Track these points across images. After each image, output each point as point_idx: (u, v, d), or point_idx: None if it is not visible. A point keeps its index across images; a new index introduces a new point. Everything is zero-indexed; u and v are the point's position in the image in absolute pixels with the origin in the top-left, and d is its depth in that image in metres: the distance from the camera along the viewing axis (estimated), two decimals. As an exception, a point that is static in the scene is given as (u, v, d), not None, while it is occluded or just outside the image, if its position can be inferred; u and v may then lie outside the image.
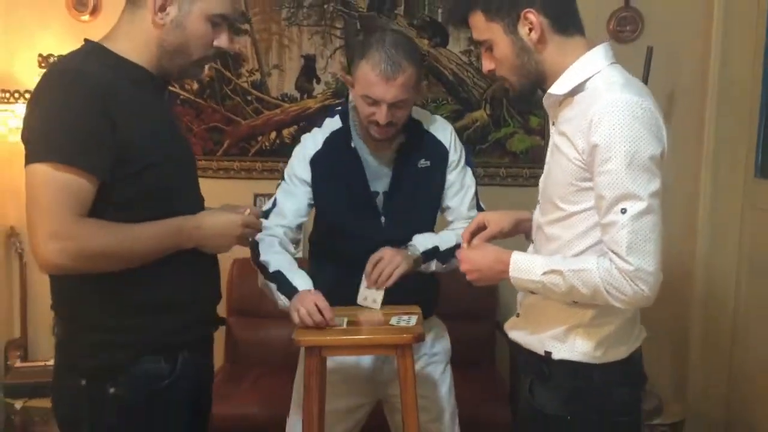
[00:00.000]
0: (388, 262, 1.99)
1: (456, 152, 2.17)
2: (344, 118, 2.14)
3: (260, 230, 1.77)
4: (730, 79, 2.99)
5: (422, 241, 2.09)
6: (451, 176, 2.17)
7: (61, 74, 1.55)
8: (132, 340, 1.60)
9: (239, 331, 3.33)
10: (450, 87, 3.29)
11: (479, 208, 2.20)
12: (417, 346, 2.01)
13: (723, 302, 3.08)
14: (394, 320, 1.90)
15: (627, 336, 1.66)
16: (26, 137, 1.53)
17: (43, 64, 3.11)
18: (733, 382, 3.08)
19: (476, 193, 2.21)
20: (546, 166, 1.68)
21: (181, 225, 1.61)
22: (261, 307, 3.06)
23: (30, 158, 1.49)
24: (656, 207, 1.48)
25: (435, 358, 2.20)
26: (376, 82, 1.94)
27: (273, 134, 3.37)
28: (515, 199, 2.99)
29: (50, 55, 3.11)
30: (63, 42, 3.21)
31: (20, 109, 3.09)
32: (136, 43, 1.60)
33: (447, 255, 2.09)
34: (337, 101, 3.30)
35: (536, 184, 2.04)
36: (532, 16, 1.56)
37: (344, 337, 1.83)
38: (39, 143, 1.49)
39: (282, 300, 1.97)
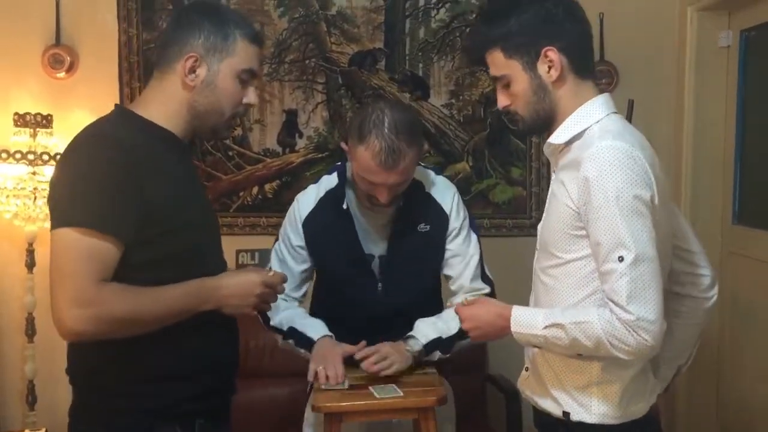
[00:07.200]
0: (382, 358, 1.91)
1: (458, 218, 2.10)
2: (341, 176, 2.08)
3: (281, 292, 1.73)
4: (704, 130, 3.08)
5: (424, 331, 2.00)
6: (454, 245, 2.10)
7: (87, 139, 1.55)
8: (148, 407, 1.56)
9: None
10: (432, 139, 3.32)
11: (484, 277, 2.12)
12: None
13: (706, 343, 3.12)
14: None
15: (643, 388, 1.65)
16: (52, 202, 1.52)
17: (19, 122, 3.02)
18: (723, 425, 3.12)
19: (481, 261, 2.12)
20: (545, 214, 1.69)
21: (201, 286, 1.59)
22: (252, 366, 2.94)
23: (55, 223, 1.48)
24: (653, 254, 1.47)
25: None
26: (376, 171, 1.87)
27: (255, 189, 3.33)
28: (499, 250, 3.02)
29: (27, 113, 3.03)
30: (39, 100, 3.14)
31: (-2, 168, 2.97)
32: (166, 108, 1.61)
33: (450, 343, 2.02)
34: (319, 155, 3.30)
35: (519, 235, 2.05)
36: (553, 54, 1.57)
37: (365, 402, 1.80)
38: (64, 208, 1.48)
39: (303, 353, 1.97)
